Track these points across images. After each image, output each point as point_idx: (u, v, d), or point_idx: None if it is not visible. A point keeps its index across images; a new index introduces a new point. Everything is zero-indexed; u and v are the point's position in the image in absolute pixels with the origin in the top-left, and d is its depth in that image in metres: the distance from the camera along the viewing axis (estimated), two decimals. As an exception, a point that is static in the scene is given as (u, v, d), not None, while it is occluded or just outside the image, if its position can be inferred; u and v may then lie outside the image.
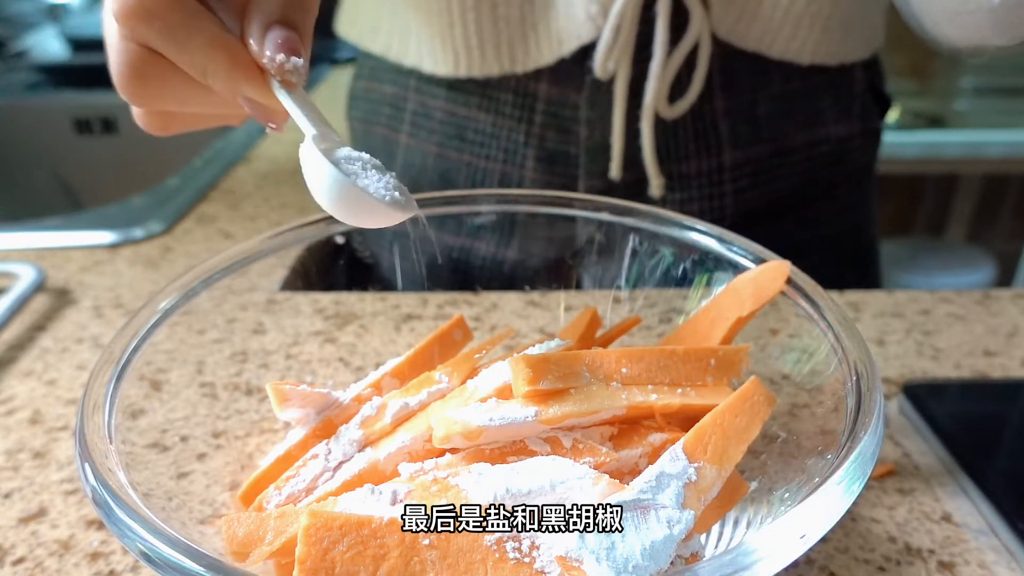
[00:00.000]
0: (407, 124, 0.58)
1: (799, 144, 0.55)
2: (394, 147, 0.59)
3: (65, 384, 0.42)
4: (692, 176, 0.53)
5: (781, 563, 0.18)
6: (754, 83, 0.52)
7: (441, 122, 0.56)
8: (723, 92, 0.52)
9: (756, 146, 0.53)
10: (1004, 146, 1.41)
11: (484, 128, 0.54)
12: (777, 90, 0.53)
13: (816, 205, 0.58)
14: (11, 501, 0.34)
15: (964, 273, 1.45)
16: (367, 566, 0.19)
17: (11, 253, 0.59)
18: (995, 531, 0.32)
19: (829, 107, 0.55)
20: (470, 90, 0.54)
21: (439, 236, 0.54)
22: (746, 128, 0.53)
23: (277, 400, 0.28)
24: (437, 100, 0.56)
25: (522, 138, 0.53)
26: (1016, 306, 0.48)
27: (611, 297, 0.35)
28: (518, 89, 0.52)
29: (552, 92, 0.52)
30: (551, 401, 0.24)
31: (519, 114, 0.53)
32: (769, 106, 0.53)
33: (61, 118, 1.09)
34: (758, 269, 0.29)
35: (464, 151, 0.55)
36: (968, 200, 1.64)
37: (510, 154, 0.54)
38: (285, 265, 0.43)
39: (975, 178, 1.61)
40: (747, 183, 0.54)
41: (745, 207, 0.54)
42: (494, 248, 0.54)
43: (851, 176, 0.59)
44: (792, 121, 0.54)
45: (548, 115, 0.52)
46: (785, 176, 0.55)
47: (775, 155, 0.54)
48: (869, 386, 0.23)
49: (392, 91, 0.58)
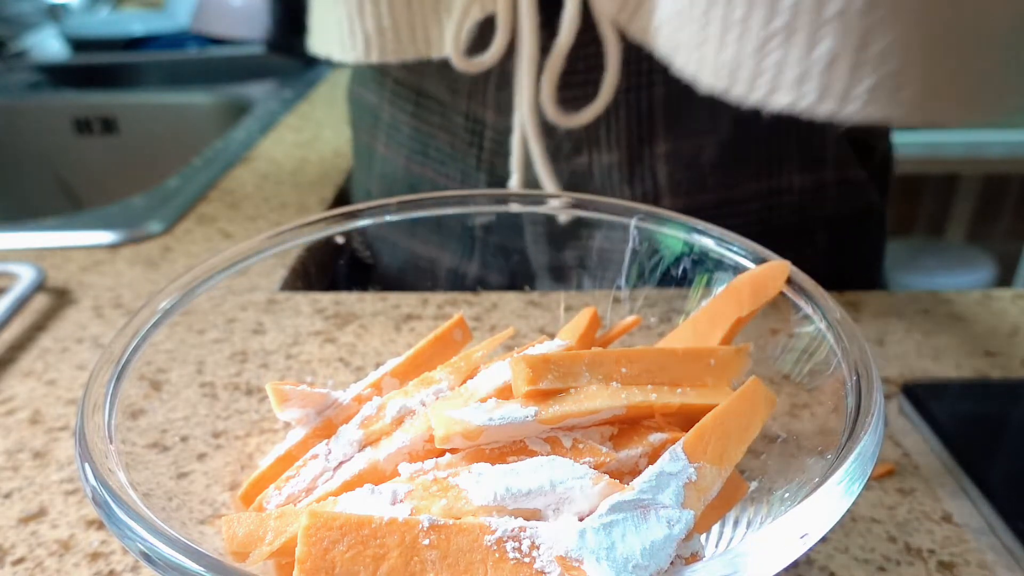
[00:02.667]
0: (383, 134, 0.58)
1: (751, 194, 0.50)
2: (373, 155, 0.60)
3: (65, 384, 0.42)
4: None
5: (781, 563, 0.18)
6: (702, 126, 0.48)
7: (409, 136, 0.56)
8: (666, 134, 0.48)
9: (699, 195, 0.49)
10: (1004, 146, 1.41)
11: (443, 147, 0.54)
12: (726, 135, 0.48)
13: (784, 253, 0.52)
14: (11, 501, 0.34)
15: (964, 273, 1.45)
16: (367, 566, 0.19)
17: (11, 253, 0.59)
18: (995, 531, 0.32)
19: (792, 155, 0.50)
20: (432, 108, 0.54)
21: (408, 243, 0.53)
22: (687, 175, 0.49)
23: (277, 400, 0.28)
24: (405, 114, 0.56)
25: (474, 162, 0.53)
26: (1016, 306, 0.48)
27: (611, 297, 0.35)
28: (468, 114, 0.52)
29: (498, 121, 0.50)
30: (551, 401, 0.24)
31: (470, 139, 0.52)
32: (716, 152, 0.48)
33: (61, 118, 1.09)
34: (758, 269, 0.29)
35: (427, 166, 0.55)
36: (968, 200, 1.64)
37: (466, 176, 0.54)
38: (285, 265, 0.43)
39: (975, 178, 1.61)
40: None
41: None
42: (457, 262, 0.53)
43: (830, 223, 0.52)
44: (743, 171, 0.49)
45: (495, 143, 0.51)
46: (737, 226, 0.48)
47: (723, 204, 0.50)
48: (869, 386, 0.23)
49: (373, 100, 0.59)
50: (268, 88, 1.08)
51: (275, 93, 1.05)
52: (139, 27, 1.31)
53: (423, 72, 0.53)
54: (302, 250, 0.35)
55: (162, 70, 1.25)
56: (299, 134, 0.88)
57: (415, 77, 0.54)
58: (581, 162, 0.50)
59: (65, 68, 1.25)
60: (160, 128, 1.09)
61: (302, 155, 0.82)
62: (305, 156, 0.81)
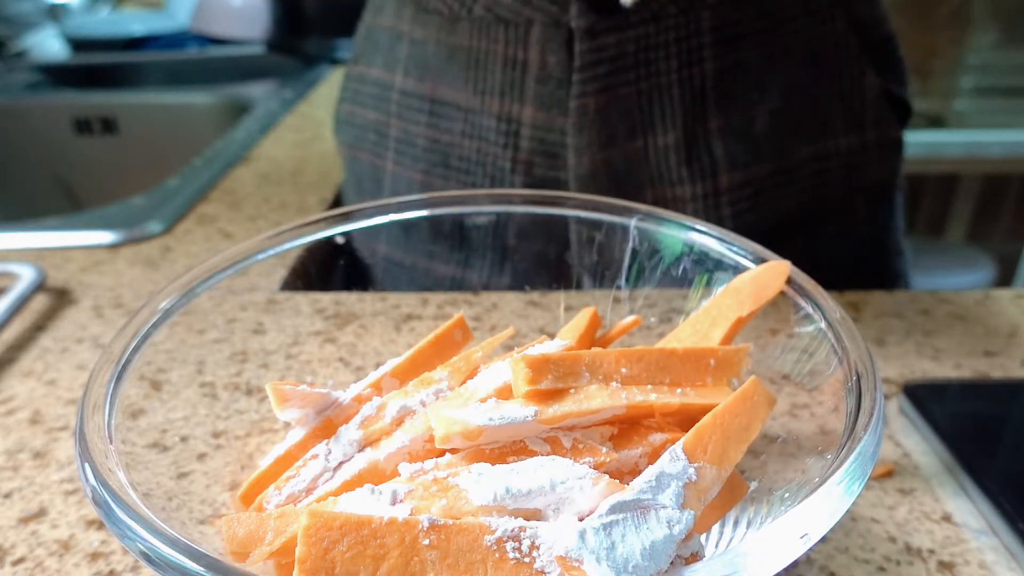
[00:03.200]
0: (391, 151, 0.56)
1: (804, 160, 0.51)
2: (381, 174, 0.58)
3: (65, 384, 0.42)
4: (687, 200, 0.50)
5: (781, 563, 0.18)
6: (752, 98, 0.49)
7: (425, 149, 0.54)
8: (718, 110, 0.49)
9: (756, 166, 0.50)
10: (1004, 146, 1.41)
11: (468, 155, 0.53)
12: (777, 104, 0.50)
13: (829, 222, 0.54)
14: (11, 501, 0.34)
15: (964, 273, 1.45)
16: (367, 566, 0.19)
17: (11, 253, 0.59)
18: (995, 531, 0.32)
19: (837, 117, 0.51)
20: (452, 116, 0.52)
21: (430, 265, 0.53)
22: (744, 147, 0.50)
23: (277, 400, 0.28)
24: (419, 126, 0.54)
25: (508, 165, 0.52)
26: (1016, 306, 0.48)
27: (611, 297, 0.35)
28: (501, 115, 0.51)
29: (537, 117, 0.50)
30: (551, 401, 0.24)
31: (504, 140, 0.51)
32: (768, 122, 0.50)
33: (61, 118, 1.09)
34: (758, 269, 0.29)
35: (450, 178, 0.54)
36: (968, 200, 1.64)
37: (497, 182, 0.52)
38: (285, 265, 0.43)
39: (975, 178, 1.61)
40: (747, 205, 0.51)
41: (747, 229, 0.50)
42: (487, 277, 0.52)
43: (868, 189, 0.55)
44: (795, 136, 0.51)
45: (534, 140, 0.51)
46: (791, 195, 0.52)
47: (777, 173, 0.51)
48: (869, 386, 0.23)
49: (375, 116, 0.57)
50: (268, 88, 1.08)
51: (275, 93, 1.05)
52: (139, 27, 1.31)
53: (441, 76, 0.52)
54: (302, 250, 0.35)
55: (162, 70, 1.25)
56: (299, 134, 0.88)
57: (428, 84, 0.53)
58: (636, 147, 0.49)
59: (65, 68, 1.25)
60: (160, 128, 1.09)
61: (302, 155, 0.82)
62: (305, 156, 0.81)
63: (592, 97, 0.48)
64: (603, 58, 0.47)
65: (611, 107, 0.48)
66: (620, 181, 0.50)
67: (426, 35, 0.53)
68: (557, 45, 0.48)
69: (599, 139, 0.49)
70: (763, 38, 0.49)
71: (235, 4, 1.16)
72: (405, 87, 0.54)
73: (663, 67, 0.48)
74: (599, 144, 0.49)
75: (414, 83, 0.54)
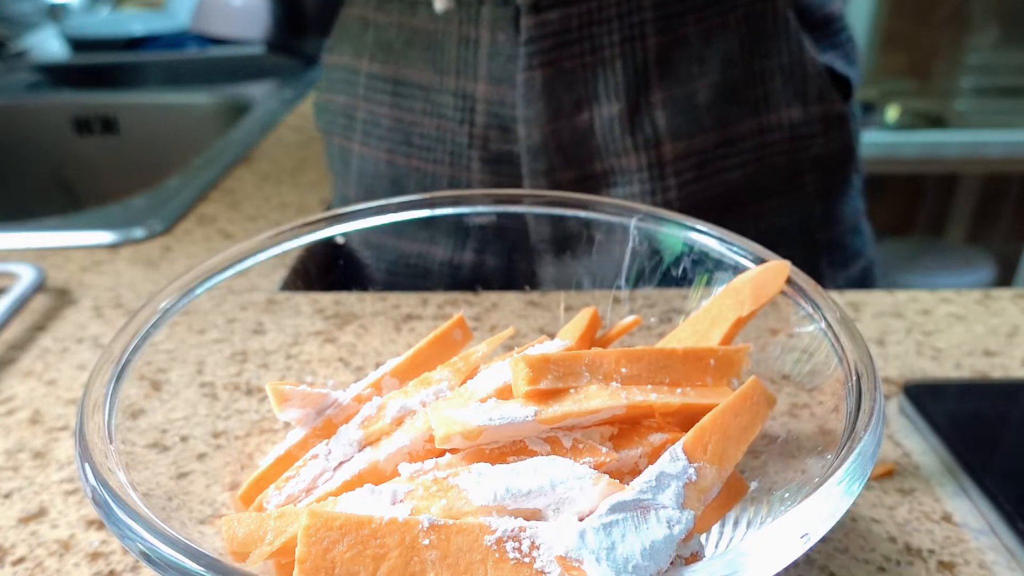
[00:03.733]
0: (359, 133, 0.59)
1: (747, 132, 0.53)
2: (348, 156, 0.60)
3: (65, 384, 0.42)
4: (633, 171, 0.52)
5: (781, 563, 0.18)
6: (692, 71, 0.51)
7: (389, 129, 0.57)
8: (660, 83, 0.51)
9: (698, 136, 0.52)
10: (1004, 146, 1.41)
11: (429, 132, 0.55)
12: (717, 77, 0.51)
13: (776, 195, 0.56)
14: (11, 501, 0.34)
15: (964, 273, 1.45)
16: (367, 566, 0.19)
17: (11, 253, 0.59)
18: (995, 531, 0.32)
19: (778, 91, 0.53)
20: (413, 95, 0.55)
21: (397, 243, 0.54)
22: (686, 118, 0.51)
23: (277, 400, 0.28)
24: (383, 107, 0.56)
25: (465, 140, 0.54)
26: (1016, 306, 0.48)
27: (611, 297, 0.35)
28: (457, 91, 0.53)
29: (490, 92, 0.52)
30: (551, 401, 0.24)
31: (460, 116, 0.53)
32: (710, 94, 0.51)
33: (61, 118, 1.09)
34: (758, 269, 0.29)
35: (412, 156, 0.56)
36: (968, 200, 1.64)
37: (456, 156, 0.54)
38: (285, 265, 0.43)
39: (975, 178, 1.61)
40: (692, 175, 0.52)
41: (693, 200, 0.53)
42: (450, 253, 0.54)
43: (818, 164, 0.56)
44: (737, 108, 0.52)
45: (488, 115, 0.52)
46: (735, 166, 0.53)
47: (720, 145, 0.53)
48: (869, 386, 0.23)
49: (344, 100, 0.59)
50: (268, 88, 1.08)
51: (275, 93, 1.05)
52: (139, 27, 1.31)
53: (402, 58, 0.55)
54: (302, 250, 0.35)
55: (162, 70, 1.25)
56: (299, 134, 0.88)
57: (392, 66, 0.55)
58: (582, 119, 0.51)
59: (65, 68, 1.25)
60: (160, 128, 1.09)
61: (302, 155, 0.82)
62: (305, 156, 0.81)
63: (538, 70, 0.50)
64: (547, 32, 0.49)
65: (556, 80, 0.50)
66: (569, 153, 0.52)
67: (389, 20, 0.55)
68: (506, 22, 0.50)
69: (547, 111, 0.51)
70: (703, 14, 0.51)
71: (235, 4, 1.16)
72: (371, 71, 0.57)
73: (606, 41, 0.50)
74: (547, 116, 0.51)
75: (379, 66, 0.56)
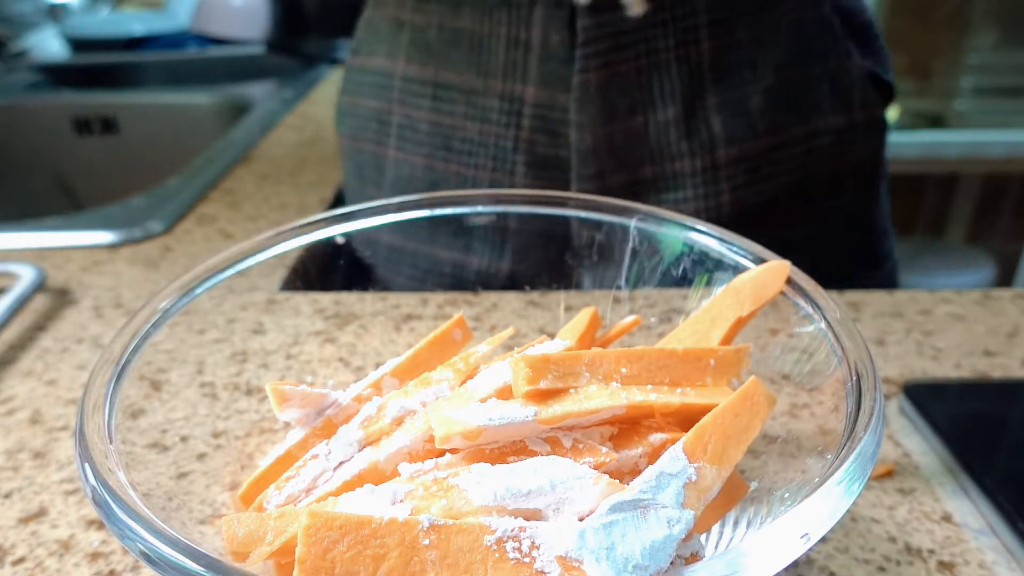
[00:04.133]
0: (394, 138, 0.58)
1: (796, 137, 0.54)
2: (383, 162, 0.59)
3: (65, 384, 0.42)
4: (687, 175, 0.52)
5: (781, 563, 0.18)
6: (745, 76, 0.51)
7: (428, 133, 0.56)
8: (714, 87, 0.51)
9: (751, 141, 0.52)
10: (1004, 146, 1.41)
11: (471, 136, 0.54)
12: (770, 82, 0.52)
13: (821, 200, 0.56)
14: (11, 501, 0.34)
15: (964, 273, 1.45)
16: (367, 566, 0.19)
17: (11, 253, 0.59)
18: (995, 531, 0.32)
19: (826, 96, 0.54)
20: (454, 99, 0.54)
21: (431, 250, 0.54)
22: (740, 122, 0.52)
23: (276, 400, 0.28)
24: (421, 111, 0.55)
25: (511, 144, 0.53)
26: (1016, 306, 0.48)
27: (611, 297, 0.35)
28: (504, 94, 0.52)
29: (540, 95, 0.51)
30: (551, 401, 0.24)
31: (506, 120, 0.53)
32: (762, 99, 0.52)
33: (61, 118, 1.09)
34: (758, 269, 0.29)
35: (452, 161, 0.55)
36: (968, 200, 1.64)
37: (499, 161, 0.54)
38: (285, 265, 0.43)
39: (975, 178, 1.61)
40: (744, 180, 0.53)
41: (743, 205, 0.53)
42: (487, 262, 0.53)
43: (857, 169, 0.57)
44: (787, 113, 0.53)
45: (536, 119, 0.52)
46: (784, 172, 0.54)
47: (772, 150, 0.53)
48: (869, 386, 0.23)
49: (376, 105, 0.58)
50: (268, 88, 1.08)
51: (275, 93, 1.05)
52: (139, 27, 1.31)
53: (443, 60, 0.54)
54: (302, 250, 0.35)
55: (162, 70, 1.25)
56: (299, 134, 0.88)
57: (431, 69, 0.55)
58: (636, 122, 0.51)
59: (65, 68, 1.25)
60: (160, 128, 1.09)
61: (302, 155, 0.82)
62: (305, 156, 0.81)
63: (594, 73, 0.50)
64: (604, 34, 0.49)
65: (611, 83, 0.50)
66: (621, 156, 0.52)
67: (428, 21, 0.54)
68: (560, 24, 0.49)
69: (600, 115, 0.50)
70: (754, 19, 0.51)
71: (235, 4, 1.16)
72: (407, 73, 0.56)
73: (661, 44, 0.49)
74: (600, 120, 0.51)
75: (417, 68, 0.55)
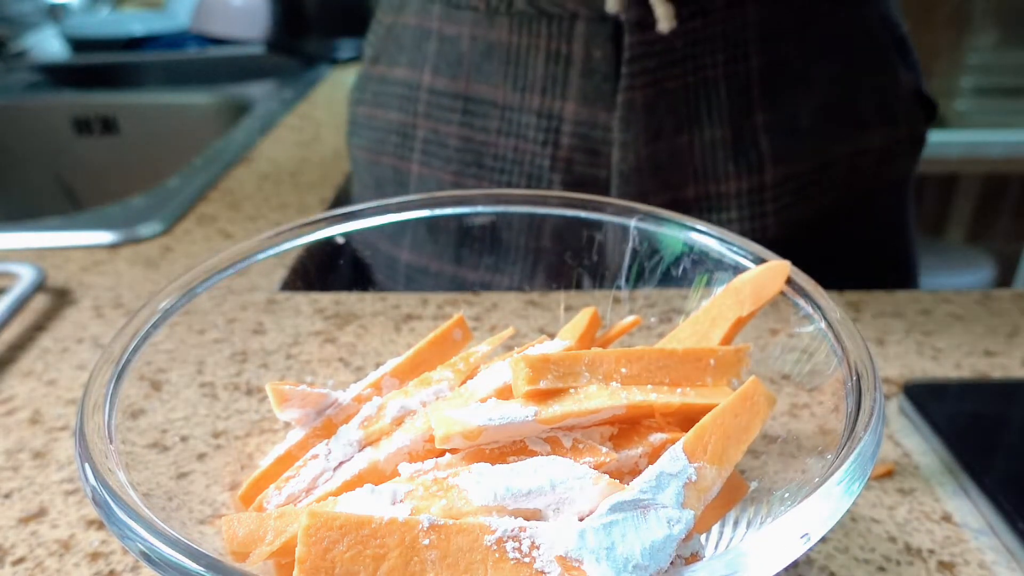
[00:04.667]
0: (418, 152, 0.55)
1: (842, 155, 0.52)
2: (405, 177, 0.56)
3: (65, 384, 0.42)
4: (732, 196, 0.50)
5: (781, 563, 0.18)
6: (796, 94, 0.50)
7: (457, 149, 0.53)
8: (763, 105, 0.49)
9: (799, 161, 0.51)
10: (1004, 146, 1.41)
11: (504, 154, 0.52)
12: (819, 100, 0.50)
13: (858, 214, 0.55)
14: (11, 501, 0.34)
15: (964, 273, 1.45)
16: (367, 566, 0.19)
17: (11, 253, 0.59)
18: (995, 531, 0.32)
19: (873, 113, 0.53)
20: (487, 114, 0.51)
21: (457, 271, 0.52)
22: (788, 142, 0.50)
23: (276, 400, 0.28)
24: (451, 126, 0.53)
25: (548, 162, 0.51)
26: (1016, 306, 0.48)
27: (611, 297, 0.35)
28: (542, 111, 0.50)
29: (580, 112, 0.49)
30: (551, 401, 0.24)
31: (544, 137, 0.50)
32: (812, 117, 0.50)
33: (61, 118, 1.09)
34: (758, 269, 0.29)
35: (484, 178, 0.53)
36: (968, 200, 1.64)
37: (535, 180, 0.51)
38: (285, 265, 0.43)
39: (975, 178, 1.61)
40: (790, 200, 0.51)
41: (787, 226, 0.51)
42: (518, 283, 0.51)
43: (891, 183, 0.56)
44: (836, 131, 0.52)
45: (576, 137, 0.50)
46: (829, 189, 0.53)
47: (817, 169, 0.52)
48: (869, 386, 0.23)
49: (399, 117, 0.55)
50: (268, 88, 1.08)
51: (275, 93, 1.05)
52: (139, 27, 1.31)
53: (475, 73, 0.51)
54: (302, 250, 0.35)
55: (162, 70, 1.25)
56: (299, 134, 0.88)
57: (461, 82, 0.52)
58: (682, 141, 0.49)
59: (65, 68, 1.25)
60: (160, 128, 1.09)
61: (302, 155, 0.82)
62: (305, 156, 0.81)
63: (640, 91, 0.48)
64: (652, 51, 0.47)
65: (659, 101, 0.48)
66: (664, 176, 0.50)
67: (459, 31, 0.51)
68: (603, 39, 0.48)
69: (646, 133, 0.49)
70: (804, 34, 0.49)
71: (235, 4, 1.16)
72: (435, 86, 0.53)
73: (709, 61, 0.48)
74: (645, 138, 0.49)
75: (446, 81, 0.53)
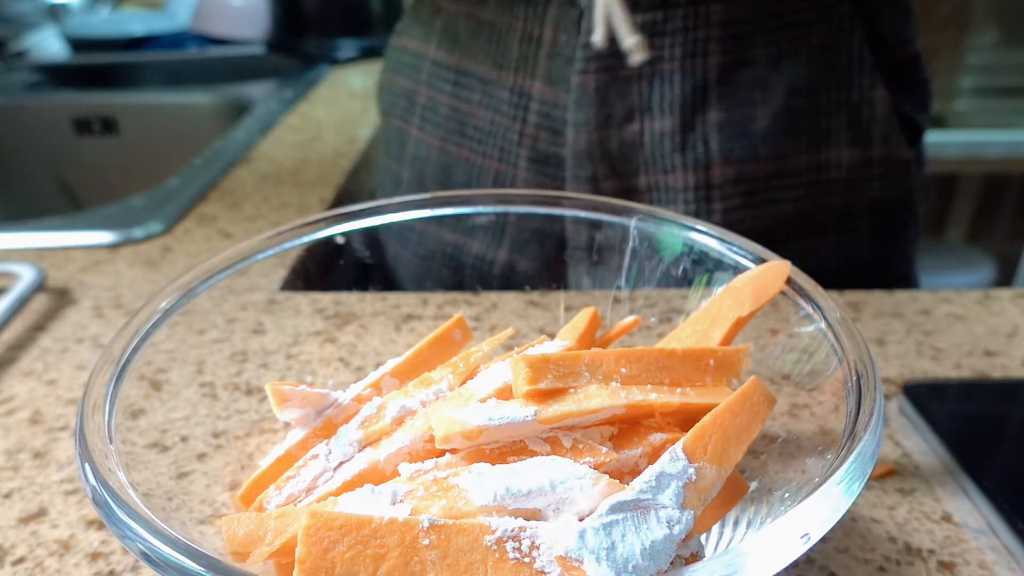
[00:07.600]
0: (417, 117, 0.59)
1: (802, 166, 0.51)
2: (406, 138, 0.60)
3: (65, 384, 0.42)
4: (679, 190, 0.50)
5: (781, 563, 0.18)
6: (754, 97, 0.49)
7: (446, 116, 0.57)
8: (718, 104, 0.49)
9: (751, 164, 0.50)
10: (1004, 146, 1.41)
11: (483, 125, 0.55)
12: (779, 106, 0.49)
13: (827, 234, 0.53)
14: (11, 501, 0.34)
15: (964, 273, 1.45)
16: (367, 566, 0.19)
17: (11, 253, 0.59)
18: (995, 531, 0.32)
19: (841, 128, 0.51)
20: (473, 86, 0.54)
21: (437, 231, 0.54)
22: (740, 143, 0.49)
23: (276, 401, 0.28)
24: (443, 95, 0.56)
25: (516, 137, 0.53)
26: (1016, 306, 0.48)
27: (611, 297, 0.35)
28: (514, 87, 0.52)
29: (545, 92, 0.51)
30: (551, 401, 0.24)
31: (514, 113, 0.53)
32: (769, 123, 0.49)
33: (61, 118, 1.09)
34: (758, 269, 0.29)
35: (464, 146, 0.56)
36: (968, 200, 1.64)
37: (505, 152, 0.54)
38: (285, 265, 0.43)
39: (975, 178, 1.61)
40: (739, 202, 0.50)
41: (737, 228, 0.49)
42: (485, 248, 0.54)
43: (874, 208, 0.53)
44: (795, 141, 0.50)
45: (541, 115, 0.52)
46: (785, 200, 0.51)
47: (774, 176, 0.50)
48: (869, 386, 0.23)
49: (408, 84, 0.60)
50: (268, 88, 1.08)
51: (275, 93, 1.05)
52: (139, 27, 1.31)
53: (467, 49, 0.55)
54: (302, 250, 0.35)
55: (162, 70, 1.25)
56: (299, 134, 0.88)
57: (456, 56, 0.56)
58: (632, 130, 0.50)
59: (65, 68, 1.25)
60: (160, 128, 1.09)
61: (302, 155, 0.82)
62: (305, 156, 0.81)
63: (593, 75, 0.49)
64: (607, 37, 0.48)
65: (611, 87, 0.50)
66: (614, 163, 0.51)
67: (458, 10, 0.56)
68: (569, 23, 0.49)
69: (596, 117, 0.50)
70: (773, 37, 0.49)
71: (235, 4, 1.16)
72: (437, 58, 0.57)
73: (667, 54, 0.49)
74: (596, 122, 0.50)
75: (444, 54, 0.57)
